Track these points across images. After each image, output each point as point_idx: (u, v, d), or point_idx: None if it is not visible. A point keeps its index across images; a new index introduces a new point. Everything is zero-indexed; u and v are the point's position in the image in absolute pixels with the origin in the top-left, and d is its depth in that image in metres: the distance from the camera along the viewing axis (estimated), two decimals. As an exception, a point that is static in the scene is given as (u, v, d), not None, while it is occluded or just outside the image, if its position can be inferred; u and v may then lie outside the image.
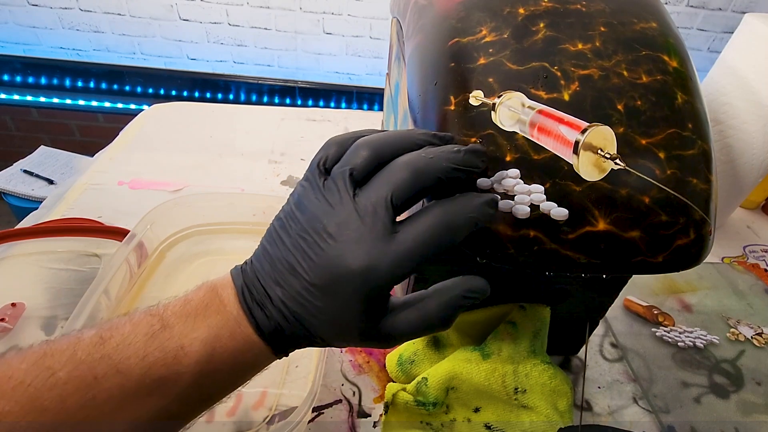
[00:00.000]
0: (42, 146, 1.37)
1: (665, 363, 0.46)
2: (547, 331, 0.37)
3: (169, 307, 0.23)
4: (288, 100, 1.63)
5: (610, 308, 0.40)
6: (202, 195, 0.51)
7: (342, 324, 0.22)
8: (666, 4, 1.38)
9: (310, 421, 0.38)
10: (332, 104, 1.63)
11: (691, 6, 1.50)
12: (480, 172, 0.24)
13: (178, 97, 1.61)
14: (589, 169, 0.25)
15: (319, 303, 0.22)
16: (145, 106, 0.98)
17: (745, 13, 0.95)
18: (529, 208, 0.24)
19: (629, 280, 0.37)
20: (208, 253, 0.51)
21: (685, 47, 0.29)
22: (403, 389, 0.36)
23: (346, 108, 1.61)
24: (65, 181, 0.66)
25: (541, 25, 0.27)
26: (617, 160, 0.25)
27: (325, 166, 0.23)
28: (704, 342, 0.49)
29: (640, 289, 0.55)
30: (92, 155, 0.74)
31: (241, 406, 0.38)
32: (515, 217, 0.25)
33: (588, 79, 0.26)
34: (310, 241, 0.22)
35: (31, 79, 1.56)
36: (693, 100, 0.27)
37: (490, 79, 0.26)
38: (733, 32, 0.54)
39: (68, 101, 1.59)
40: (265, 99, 1.62)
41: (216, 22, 1.51)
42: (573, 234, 0.25)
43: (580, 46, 0.27)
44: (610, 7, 0.29)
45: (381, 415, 0.39)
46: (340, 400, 0.40)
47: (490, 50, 0.27)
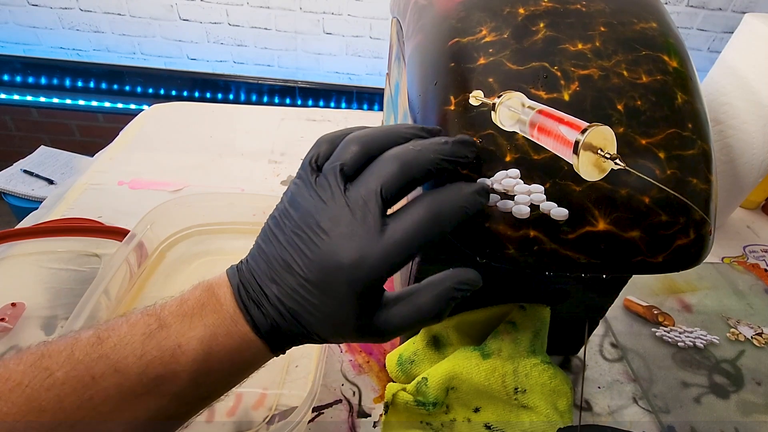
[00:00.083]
0: (42, 146, 1.37)
1: (665, 363, 0.46)
2: (547, 331, 0.37)
3: (166, 307, 0.23)
4: (288, 100, 1.63)
5: (610, 308, 0.40)
6: (202, 195, 0.51)
7: (337, 319, 0.22)
8: (666, 4, 1.38)
9: (310, 421, 0.38)
10: (332, 104, 1.63)
11: (691, 6, 1.50)
12: (469, 163, 0.25)
13: (178, 97, 1.61)
14: (589, 169, 0.25)
15: (315, 299, 0.22)
16: (145, 106, 0.98)
17: (745, 13, 0.95)
18: (529, 208, 0.24)
19: (629, 280, 0.37)
20: (208, 253, 0.51)
21: (685, 47, 0.29)
22: (403, 389, 0.36)
23: (346, 108, 1.61)
24: (65, 181, 0.66)
25: (541, 25, 0.27)
26: (617, 160, 0.25)
27: (317, 163, 0.23)
28: (704, 342, 0.49)
29: (640, 289, 0.55)
30: (92, 155, 0.74)
31: (241, 406, 0.38)
32: (515, 217, 0.25)
33: (588, 79, 0.26)
34: (305, 237, 0.22)
35: (31, 79, 1.56)
36: (693, 100, 0.27)
37: (490, 79, 0.26)
38: (733, 32, 0.54)
39: (68, 101, 1.60)
40: (265, 99, 1.62)
41: (216, 22, 1.51)
42: (573, 234, 0.25)
43: (580, 46, 0.27)
44: (610, 7, 0.29)
45: (381, 415, 0.39)
46: (340, 400, 0.40)
47: (490, 50, 0.27)
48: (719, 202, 0.32)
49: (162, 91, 1.60)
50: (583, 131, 0.25)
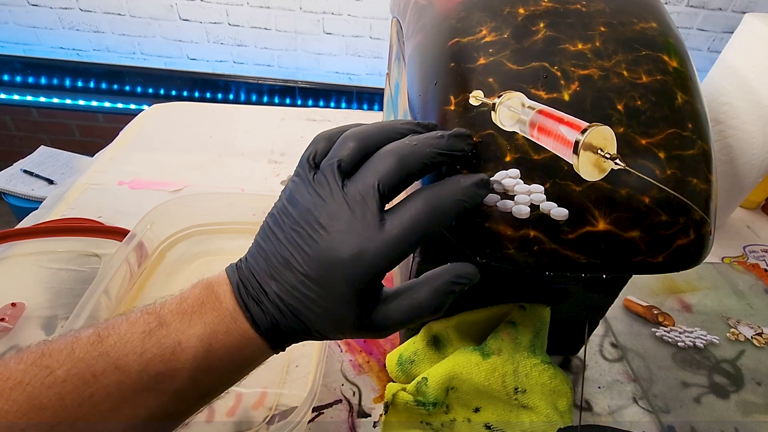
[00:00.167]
0: (42, 146, 1.37)
1: (665, 363, 0.46)
2: (547, 331, 0.37)
3: (166, 305, 0.23)
4: (288, 100, 1.63)
5: (610, 308, 0.40)
6: (202, 195, 0.51)
7: (337, 314, 0.22)
8: (666, 4, 1.38)
9: (310, 421, 0.38)
10: (332, 104, 1.63)
11: (691, 6, 1.51)
12: (467, 158, 0.25)
13: (178, 97, 1.61)
14: (589, 169, 0.25)
15: (314, 295, 0.22)
16: (145, 106, 0.98)
17: (745, 13, 0.95)
18: (529, 208, 0.24)
19: (629, 280, 0.37)
20: (208, 253, 0.51)
21: (685, 47, 0.29)
22: (403, 389, 0.36)
23: (346, 108, 1.61)
24: (65, 181, 0.66)
25: (541, 25, 0.27)
26: (617, 160, 0.25)
27: (314, 160, 0.24)
28: (704, 342, 0.49)
29: (640, 289, 0.55)
30: (92, 155, 0.74)
31: (241, 406, 0.38)
32: (515, 217, 0.25)
33: (588, 79, 0.26)
34: (303, 234, 0.22)
35: (31, 79, 1.56)
36: (693, 100, 0.27)
37: (490, 79, 0.26)
38: (733, 32, 0.54)
39: (68, 101, 1.60)
40: (265, 99, 1.62)
41: (216, 22, 1.51)
42: (573, 234, 0.25)
43: (580, 46, 0.27)
44: (610, 7, 0.29)
45: (381, 415, 0.39)
46: (340, 400, 0.40)
47: (490, 50, 0.27)
48: (719, 202, 0.32)
49: (162, 91, 1.60)
50: (583, 131, 0.25)
